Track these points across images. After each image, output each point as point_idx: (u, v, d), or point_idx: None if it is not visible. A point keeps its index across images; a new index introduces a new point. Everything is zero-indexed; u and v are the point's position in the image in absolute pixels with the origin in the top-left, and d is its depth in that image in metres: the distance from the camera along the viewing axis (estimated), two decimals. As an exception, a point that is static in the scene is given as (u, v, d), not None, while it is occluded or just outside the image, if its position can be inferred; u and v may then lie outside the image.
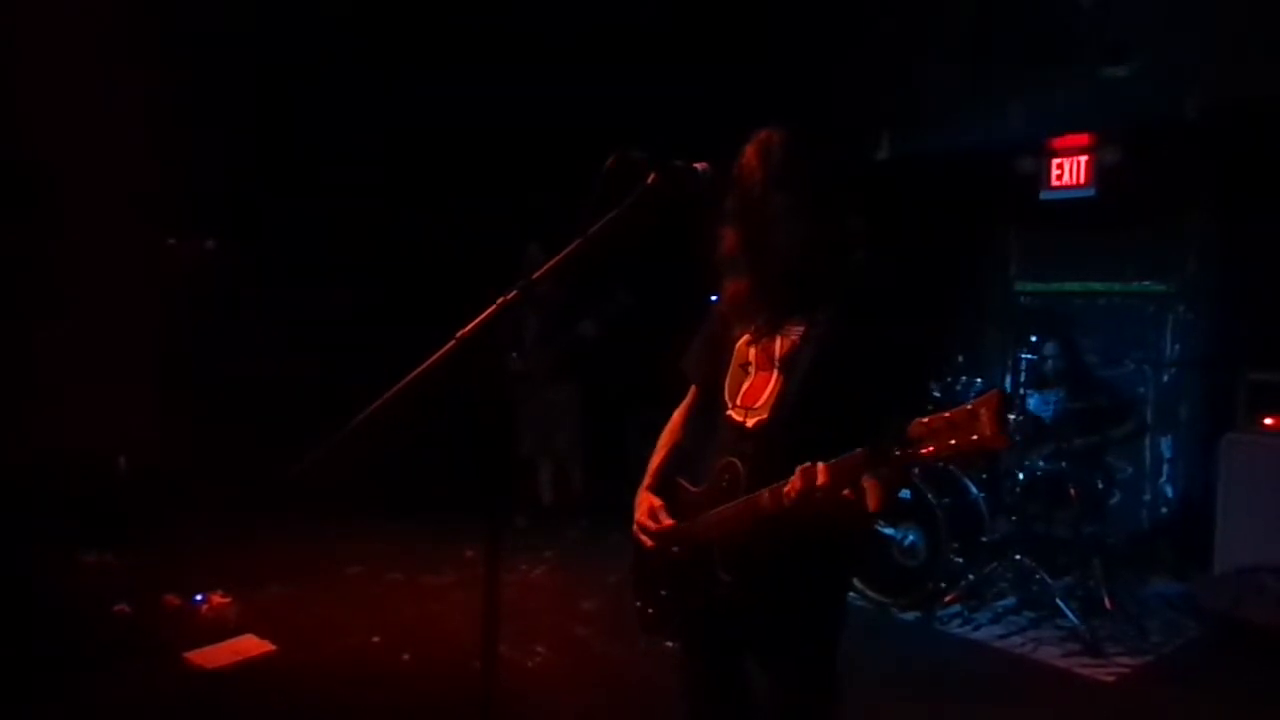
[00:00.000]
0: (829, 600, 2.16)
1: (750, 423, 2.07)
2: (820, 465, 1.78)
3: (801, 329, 2.05)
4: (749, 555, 1.98)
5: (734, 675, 2.25)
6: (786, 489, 1.83)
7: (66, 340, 5.83)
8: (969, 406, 1.60)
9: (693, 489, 2.17)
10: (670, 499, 2.22)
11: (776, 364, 2.07)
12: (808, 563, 2.02)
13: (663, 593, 2.21)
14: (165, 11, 5.78)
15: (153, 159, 5.88)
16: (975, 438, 1.58)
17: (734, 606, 2.05)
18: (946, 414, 1.63)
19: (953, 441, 1.61)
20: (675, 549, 2.15)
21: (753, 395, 2.10)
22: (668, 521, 2.16)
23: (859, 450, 1.75)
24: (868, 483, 1.76)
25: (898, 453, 1.68)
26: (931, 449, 1.63)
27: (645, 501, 2.24)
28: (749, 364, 2.12)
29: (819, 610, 2.12)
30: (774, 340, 2.09)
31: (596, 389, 6.38)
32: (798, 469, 1.82)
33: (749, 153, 2.07)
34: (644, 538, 2.21)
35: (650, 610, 2.25)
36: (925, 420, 1.65)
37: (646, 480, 2.30)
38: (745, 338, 2.15)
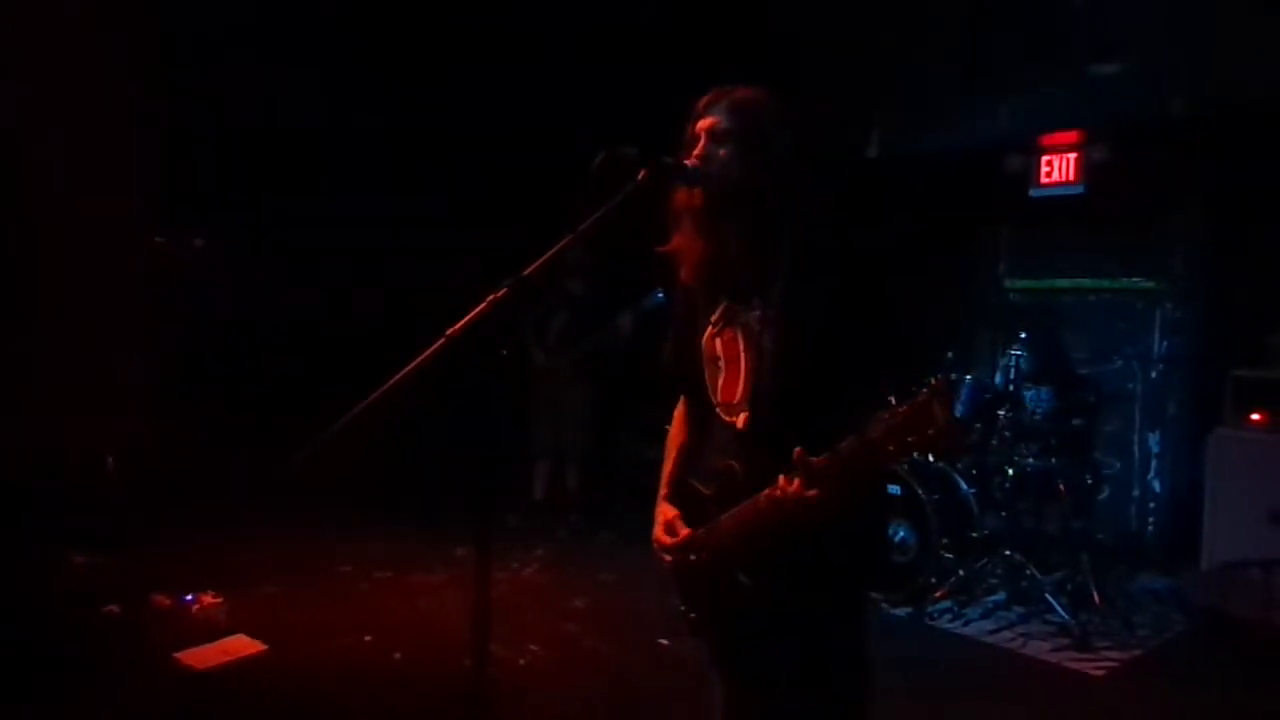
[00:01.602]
0: (848, 596, 2.14)
1: (740, 423, 2.05)
2: (794, 479, 1.81)
3: (758, 314, 2.02)
4: (764, 556, 1.97)
5: (765, 683, 2.21)
6: (770, 499, 1.86)
7: (54, 340, 5.81)
8: (920, 400, 1.64)
9: (704, 490, 2.14)
10: (685, 504, 2.20)
11: (742, 356, 2.05)
12: (823, 560, 1.99)
13: (701, 597, 2.20)
14: (156, 11, 5.77)
15: (142, 158, 5.86)
16: (931, 431, 1.63)
17: (756, 608, 2.04)
18: (902, 409, 1.66)
19: (911, 438, 1.65)
20: (694, 557, 2.14)
21: (729, 391, 2.08)
22: (684, 532, 2.14)
23: (825, 456, 1.77)
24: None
25: (863, 454, 1.72)
26: (893, 448, 1.67)
27: (663, 514, 2.21)
28: (718, 358, 2.11)
29: (839, 607, 2.10)
30: (735, 331, 2.07)
31: (615, 390, 6.37)
32: (779, 477, 1.84)
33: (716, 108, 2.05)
34: (663, 554, 2.19)
35: (693, 615, 2.23)
36: (884, 416, 1.68)
37: (661, 489, 2.28)
38: (709, 332, 2.13)
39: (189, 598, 4.54)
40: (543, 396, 6.11)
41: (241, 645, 4.20)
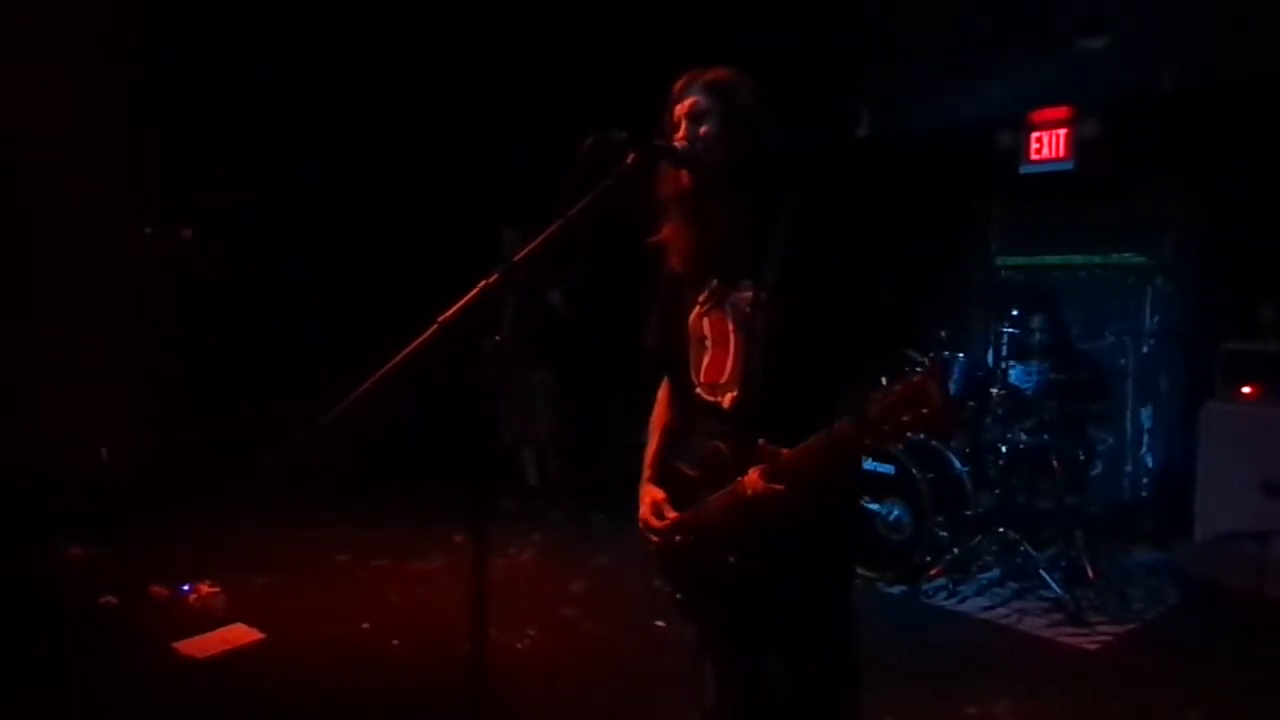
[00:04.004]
0: (835, 574, 2.15)
1: (726, 403, 2.06)
2: (757, 476, 1.86)
3: (749, 295, 2.02)
4: (751, 536, 1.98)
5: (755, 661, 2.22)
6: (751, 484, 1.89)
7: (45, 331, 5.79)
8: (915, 380, 1.66)
9: (689, 473, 2.15)
10: (670, 486, 2.20)
11: (731, 337, 2.05)
12: (809, 538, 2.01)
13: (689, 578, 2.21)
14: (143, 5, 5.73)
15: (130, 149, 5.82)
16: (926, 411, 1.64)
17: (746, 588, 2.04)
18: (897, 389, 1.68)
19: (906, 418, 1.67)
20: (680, 538, 2.15)
21: (715, 371, 2.08)
22: (672, 515, 2.14)
23: (820, 435, 1.78)
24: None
25: (859, 435, 1.74)
26: (888, 428, 1.69)
27: (648, 495, 2.22)
28: (705, 338, 2.11)
29: (827, 585, 2.11)
30: (725, 311, 2.07)
31: (578, 371, 6.37)
32: (758, 467, 1.87)
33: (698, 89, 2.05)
34: (650, 536, 2.20)
35: (679, 596, 2.24)
36: (878, 397, 1.69)
37: (645, 472, 2.28)
38: (696, 311, 2.13)
39: (186, 588, 4.55)
40: (503, 385, 6.07)
41: (240, 634, 4.21)
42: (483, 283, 1.78)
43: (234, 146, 6.39)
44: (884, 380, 1.75)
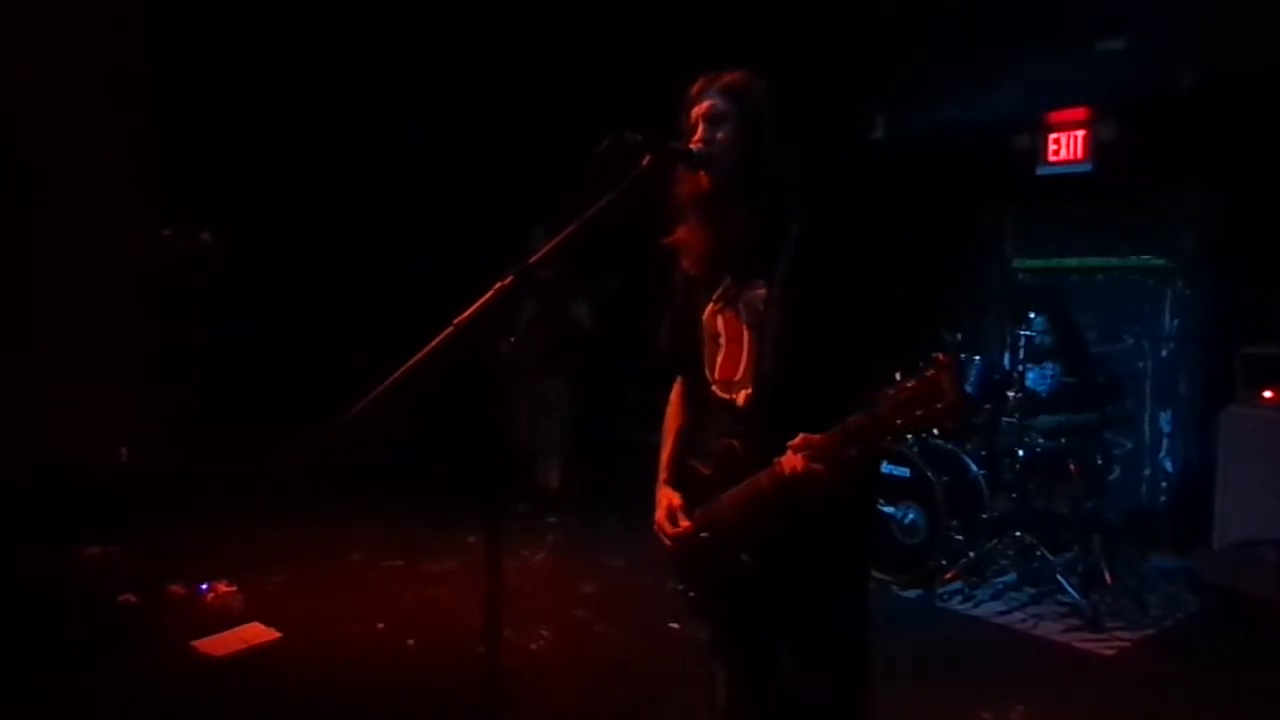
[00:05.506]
0: (849, 573, 2.15)
1: (740, 400, 2.06)
2: (798, 456, 1.84)
3: (762, 294, 2.03)
4: (765, 535, 1.98)
5: (767, 660, 2.22)
6: (772, 477, 1.89)
7: (64, 333, 5.83)
8: (929, 374, 1.67)
9: (704, 471, 2.15)
10: (685, 485, 2.21)
11: (745, 334, 2.06)
12: (822, 538, 2.00)
13: (701, 577, 2.21)
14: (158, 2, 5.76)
15: (148, 150, 5.86)
16: (940, 405, 1.65)
17: (758, 587, 2.04)
18: (910, 384, 1.68)
19: (919, 412, 1.68)
20: (698, 536, 2.15)
21: (729, 368, 2.09)
22: (685, 524, 2.14)
23: (835, 431, 1.79)
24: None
25: (872, 430, 1.75)
26: (900, 422, 1.70)
27: (664, 499, 2.22)
28: (719, 335, 2.12)
29: (841, 584, 2.11)
30: (738, 308, 2.08)
31: (590, 375, 6.37)
32: (776, 460, 1.87)
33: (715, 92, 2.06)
34: (665, 539, 2.20)
35: (693, 594, 2.24)
36: (892, 392, 1.70)
37: (661, 474, 2.29)
38: (710, 309, 2.13)
39: (204, 587, 4.58)
40: (516, 389, 6.08)
41: (256, 633, 4.24)
42: (498, 285, 1.78)
43: (251, 147, 6.42)
44: (898, 376, 1.76)
